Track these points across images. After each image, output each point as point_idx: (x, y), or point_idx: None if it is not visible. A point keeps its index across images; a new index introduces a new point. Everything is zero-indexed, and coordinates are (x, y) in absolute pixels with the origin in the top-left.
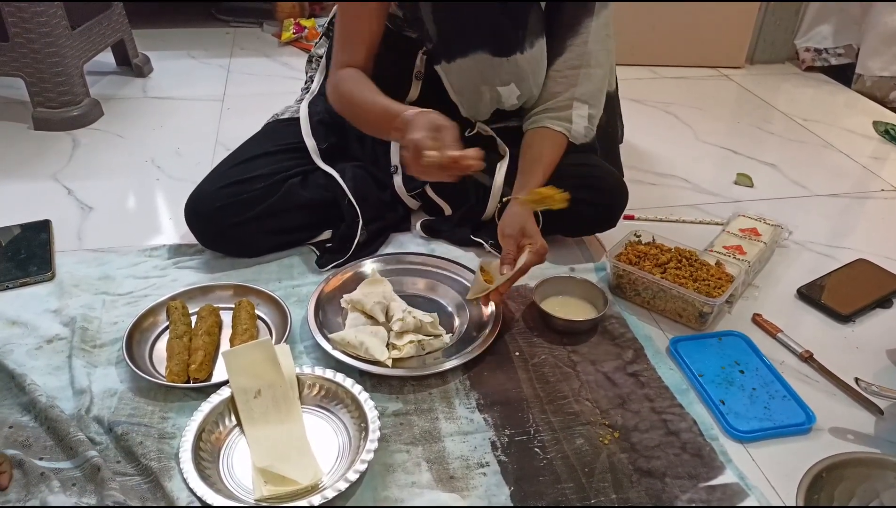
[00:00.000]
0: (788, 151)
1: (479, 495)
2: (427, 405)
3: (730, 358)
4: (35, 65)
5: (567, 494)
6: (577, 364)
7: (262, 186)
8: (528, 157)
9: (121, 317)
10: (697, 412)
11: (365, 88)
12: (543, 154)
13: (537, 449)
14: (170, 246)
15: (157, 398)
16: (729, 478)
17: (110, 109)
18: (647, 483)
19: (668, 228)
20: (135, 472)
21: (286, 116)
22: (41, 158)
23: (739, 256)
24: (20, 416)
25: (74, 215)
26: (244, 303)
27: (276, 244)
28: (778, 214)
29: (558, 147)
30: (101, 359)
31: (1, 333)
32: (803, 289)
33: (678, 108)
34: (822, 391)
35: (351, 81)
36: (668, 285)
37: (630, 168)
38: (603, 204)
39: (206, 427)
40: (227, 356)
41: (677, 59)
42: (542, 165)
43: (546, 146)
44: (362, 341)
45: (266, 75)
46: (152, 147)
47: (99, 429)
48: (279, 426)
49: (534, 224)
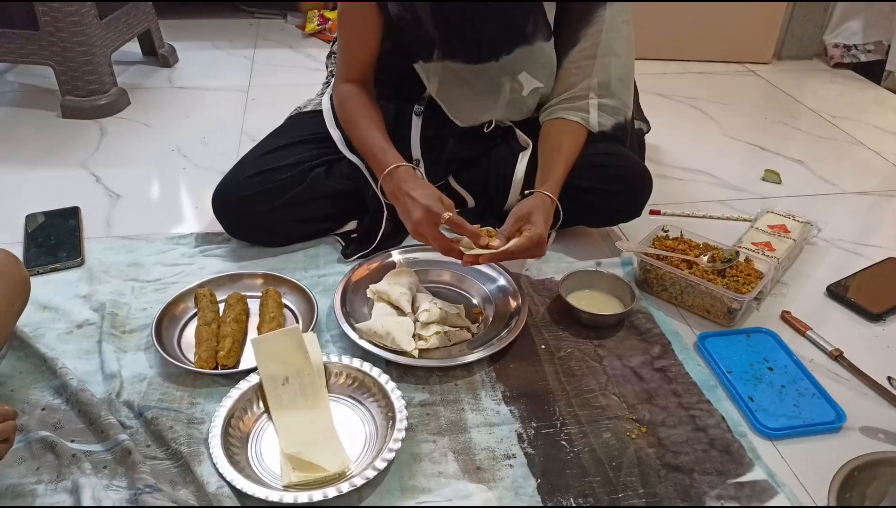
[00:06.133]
0: (816, 147)
1: (506, 486)
2: (453, 396)
3: (758, 355)
4: (64, 53)
5: (594, 488)
6: (603, 359)
7: (288, 175)
8: (547, 147)
9: (149, 303)
10: (726, 409)
11: (362, 117)
12: (562, 144)
13: (564, 442)
14: (197, 234)
15: (186, 383)
16: (758, 475)
17: (137, 98)
18: (674, 478)
19: (694, 223)
20: (164, 456)
21: (309, 108)
22: (69, 146)
23: (768, 252)
24: (52, 399)
25: (103, 203)
26: (271, 291)
27: (302, 234)
28: (806, 211)
29: (577, 136)
30: (130, 344)
31: (32, 317)
32: (832, 287)
33: (704, 103)
34: (853, 389)
35: (352, 103)
36: (697, 281)
37: (656, 163)
38: (626, 194)
39: (234, 413)
40: (255, 343)
41: (704, 54)
42: (562, 156)
43: (564, 136)
44: (389, 331)
45: (290, 66)
46: (178, 136)
47: (129, 413)
48: (307, 413)
49: (542, 216)
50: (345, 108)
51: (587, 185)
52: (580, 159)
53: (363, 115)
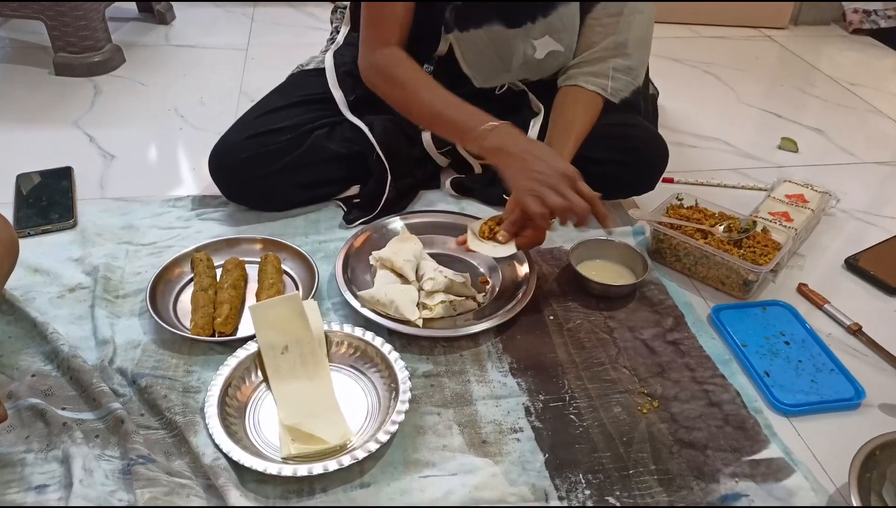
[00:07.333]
0: (834, 115)
1: (513, 461)
2: (458, 368)
3: (774, 329)
4: (56, 8)
5: (604, 463)
6: (613, 331)
7: (287, 137)
8: (560, 122)
9: (144, 268)
10: (740, 384)
11: (422, 79)
12: (576, 120)
13: (573, 416)
14: (194, 197)
15: (182, 351)
16: (774, 453)
17: (132, 56)
18: (687, 454)
19: (708, 192)
20: (159, 426)
21: (311, 66)
22: (62, 105)
23: (786, 223)
24: (43, 365)
25: (96, 163)
26: (270, 257)
27: (303, 199)
28: (823, 180)
29: (593, 109)
30: (124, 310)
31: (23, 280)
32: (851, 259)
33: (719, 68)
34: (872, 365)
35: (402, 67)
36: (713, 252)
37: (669, 129)
38: (641, 166)
39: (232, 382)
40: (254, 311)
41: (718, 18)
42: (573, 134)
43: (579, 111)
44: (392, 299)
45: (291, 25)
46: (175, 96)
47: (122, 381)
48: (307, 382)
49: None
50: (394, 73)
51: (600, 156)
52: (594, 130)
53: (421, 77)
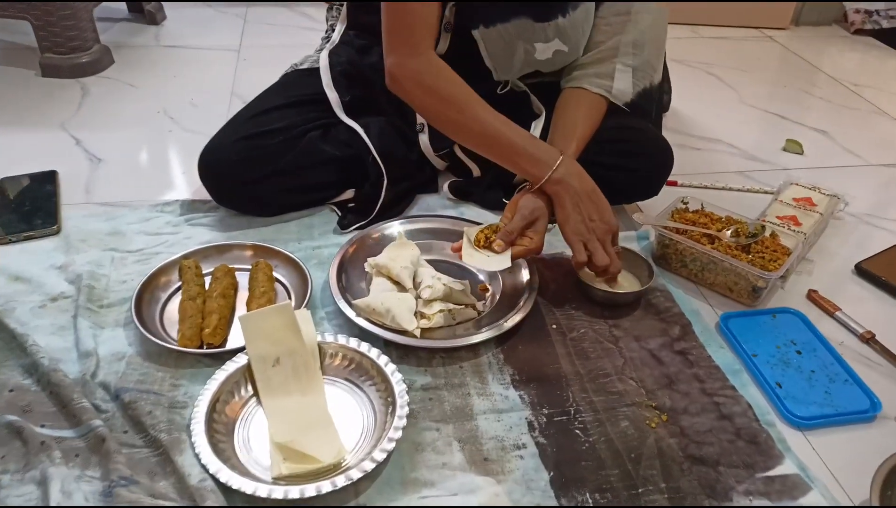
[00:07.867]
0: (838, 117)
1: (516, 479)
2: (458, 380)
3: (785, 337)
4: (43, 7)
5: (612, 481)
6: (619, 340)
7: (280, 139)
8: (561, 125)
9: (130, 275)
10: (752, 395)
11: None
12: (578, 123)
13: (578, 431)
14: (183, 201)
15: (168, 363)
16: (788, 469)
17: (121, 57)
18: (699, 471)
19: (713, 195)
20: (143, 444)
21: (305, 65)
22: (48, 107)
23: (795, 227)
24: (22, 379)
25: (83, 167)
26: (261, 264)
27: (296, 203)
28: (829, 183)
29: (596, 112)
30: (108, 320)
31: (3, 289)
32: (862, 264)
33: (721, 69)
34: (887, 375)
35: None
36: (720, 257)
37: (673, 132)
38: (647, 171)
39: (220, 397)
40: (243, 321)
41: (719, 18)
42: (575, 138)
43: (581, 113)
44: (388, 308)
45: (285, 26)
46: (165, 98)
47: (105, 396)
48: (299, 397)
49: (545, 224)
50: (438, 85)
51: (604, 161)
52: (598, 133)
53: (472, 94)
